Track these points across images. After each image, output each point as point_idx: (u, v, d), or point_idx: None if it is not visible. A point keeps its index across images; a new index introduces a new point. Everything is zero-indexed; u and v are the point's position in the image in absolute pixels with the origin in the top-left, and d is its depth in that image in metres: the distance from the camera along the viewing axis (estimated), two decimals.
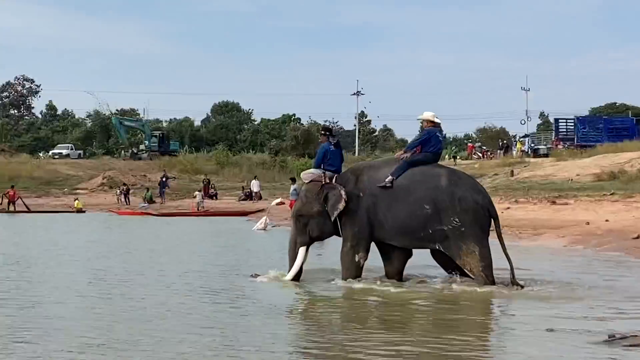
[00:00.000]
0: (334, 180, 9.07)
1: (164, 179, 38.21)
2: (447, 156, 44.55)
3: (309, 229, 9.14)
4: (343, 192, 8.78)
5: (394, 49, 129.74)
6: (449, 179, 8.60)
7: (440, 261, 9.10)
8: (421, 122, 9.62)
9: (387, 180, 8.66)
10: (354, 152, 59.76)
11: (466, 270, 8.57)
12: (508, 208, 19.46)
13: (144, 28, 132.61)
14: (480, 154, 47.08)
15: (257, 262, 11.48)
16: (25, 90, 78.92)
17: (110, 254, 13.26)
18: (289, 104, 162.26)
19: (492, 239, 8.68)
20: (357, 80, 75.48)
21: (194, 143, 61.76)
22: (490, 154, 46.37)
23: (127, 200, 35.94)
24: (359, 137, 65.01)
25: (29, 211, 31.37)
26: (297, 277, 9.15)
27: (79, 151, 54.79)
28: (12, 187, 33.30)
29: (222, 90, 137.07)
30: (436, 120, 9.12)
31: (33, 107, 79.33)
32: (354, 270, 8.96)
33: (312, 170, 9.38)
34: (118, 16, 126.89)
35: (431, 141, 8.91)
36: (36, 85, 79.12)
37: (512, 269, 8.50)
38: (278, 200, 24.81)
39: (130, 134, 56.60)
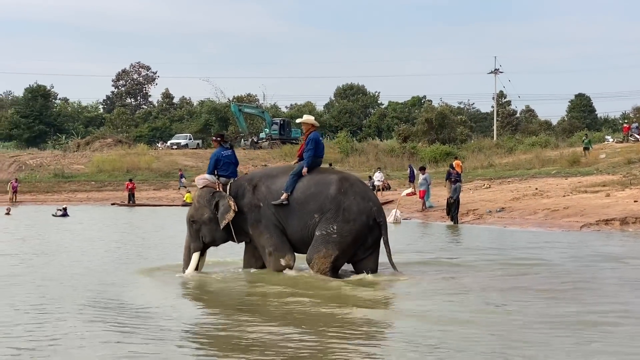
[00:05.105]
0: (228, 186, 9.67)
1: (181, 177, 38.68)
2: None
3: (202, 234, 9.76)
4: (232, 203, 9.42)
5: (536, 21, 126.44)
6: (338, 187, 9.27)
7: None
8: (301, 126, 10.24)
9: (282, 198, 9.31)
10: (492, 137, 58.66)
11: (310, 268, 9.23)
12: None
13: (261, 8, 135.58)
14: (637, 136, 45.21)
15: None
16: (141, 78, 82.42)
17: None
18: (418, 85, 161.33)
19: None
20: (494, 57, 73.81)
21: None
22: None
23: None
24: (497, 120, 63.88)
25: (129, 204, 33.05)
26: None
27: (197, 141, 56.72)
28: (131, 180, 34.92)
29: (346, 73, 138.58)
30: (317, 123, 9.93)
31: (150, 96, 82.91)
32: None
33: (205, 175, 9.96)
34: None
35: (319, 146, 9.68)
36: (152, 73, 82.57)
37: (393, 265, 9.39)
38: (409, 190, 24.61)
39: (249, 121, 57.98)
